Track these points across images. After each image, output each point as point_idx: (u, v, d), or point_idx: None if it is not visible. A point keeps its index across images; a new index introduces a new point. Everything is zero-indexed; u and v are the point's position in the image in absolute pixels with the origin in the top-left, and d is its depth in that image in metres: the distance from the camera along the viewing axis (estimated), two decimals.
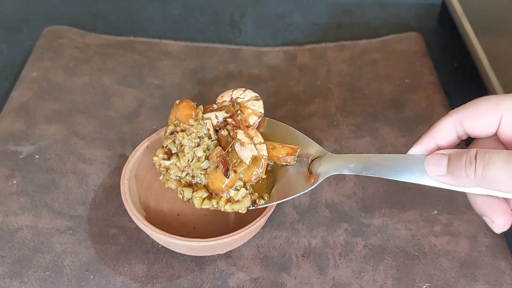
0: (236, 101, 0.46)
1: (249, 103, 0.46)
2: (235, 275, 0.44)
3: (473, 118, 0.33)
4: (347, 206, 0.50)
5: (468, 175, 0.31)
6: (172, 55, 0.66)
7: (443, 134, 0.34)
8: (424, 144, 0.34)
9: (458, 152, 0.32)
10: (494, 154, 0.30)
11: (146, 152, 0.48)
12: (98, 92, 0.61)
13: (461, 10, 0.65)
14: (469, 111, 0.33)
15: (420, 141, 0.34)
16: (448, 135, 0.34)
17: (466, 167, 0.31)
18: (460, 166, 0.31)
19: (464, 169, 0.31)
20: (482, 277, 0.44)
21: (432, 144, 0.34)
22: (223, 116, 0.45)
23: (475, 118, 0.33)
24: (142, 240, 0.47)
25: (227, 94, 0.46)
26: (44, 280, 0.43)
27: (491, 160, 0.30)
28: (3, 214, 0.48)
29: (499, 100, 0.32)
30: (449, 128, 0.33)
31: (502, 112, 0.32)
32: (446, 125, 0.33)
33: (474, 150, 0.31)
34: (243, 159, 0.42)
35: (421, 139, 0.34)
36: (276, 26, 0.75)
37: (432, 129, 0.34)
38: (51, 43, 0.67)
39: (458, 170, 0.31)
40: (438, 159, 0.32)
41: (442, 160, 0.32)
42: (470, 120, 0.33)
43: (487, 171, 0.30)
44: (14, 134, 0.55)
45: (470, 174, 0.30)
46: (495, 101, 0.32)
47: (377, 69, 0.65)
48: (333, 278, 0.44)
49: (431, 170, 0.33)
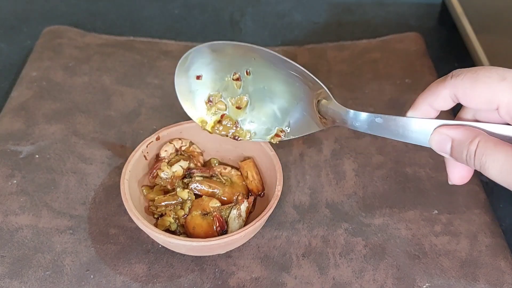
0: (181, 149, 0.49)
1: (192, 147, 0.50)
2: (235, 275, 0.44)
3: (470, 96, 0.32)
4: (348, 206, 0.50)
5: (468, 164, 0.32)
6: (172, 55, 0.66)
7: (439, 101, 0.33)
8: (420, 108, 0.34)
9: (460, 140, 0.32)
10: (490, 159, 0.30)
11: (146, 152, 0.48)
12: (98, 91, 0.61)
13: (461, 9, 0.65)
14: (467, 86, 0.31)
15: (416, 105, 0.34)
16: (443, 102, 0.33)
17: (468, 160, 0.31)
18: (462, 156, 0.32)
19: (466, 160, 0.32)
20: (483, 277, 0.44)
21: (429, 109, 0.34)
22: (186, 165, 0.48)
23: (472, 97, 0.31)
24: (142, 240, 0.47)
25: (168, 147, 0.48)
26: (44, 280, 0.43)
27: (487, 164, 0.30)
28: (3, 214, 0.48)
29: (500, 78, 0.30)
30: (445, 97, 0.33)
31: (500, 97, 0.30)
32: (442, 94, 0.33)
33: (474, 145, 0.31)
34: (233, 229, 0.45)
35: (417, 104, 0.34)
36: (276, 25, 0.75)
37: (428, 96, 0.34)
38: (51, 42, 0.67)
39: (460, 158, 0.32)
40: (442, 142, 0.32)
41: (446, 144, 0.32)
42: (466, 96, 0.32)
43: (484, 170, 0.31)
44: (14, 133, 0.55)
45: (470, 164, 0.32)
46: (496, 80, 0.30)
47: (377, 68, 0.65)
48: (334, 278, 0.44)
49: (435, 148, 0.33)
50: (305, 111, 0.42)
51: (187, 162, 0.48)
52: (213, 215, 0.44)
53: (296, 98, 0.42)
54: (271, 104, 0.44)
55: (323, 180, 0.52)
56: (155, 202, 0.46)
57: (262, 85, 0.44)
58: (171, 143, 0.49)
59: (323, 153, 0.54)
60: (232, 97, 0.45)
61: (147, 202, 0.47)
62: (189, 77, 0.45)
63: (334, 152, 0.54)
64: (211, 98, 0.46)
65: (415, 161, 0.53)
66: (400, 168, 0.53)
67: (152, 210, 0.46)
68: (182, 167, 0.47)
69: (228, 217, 0.44)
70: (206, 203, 0.45)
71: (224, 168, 0.48)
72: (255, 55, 0.42)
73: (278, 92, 0.43)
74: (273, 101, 0.44)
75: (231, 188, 0.47)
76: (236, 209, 0.45)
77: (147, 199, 0.47)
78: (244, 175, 0.48)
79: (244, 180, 0.48)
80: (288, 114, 0.44)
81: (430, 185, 0.51)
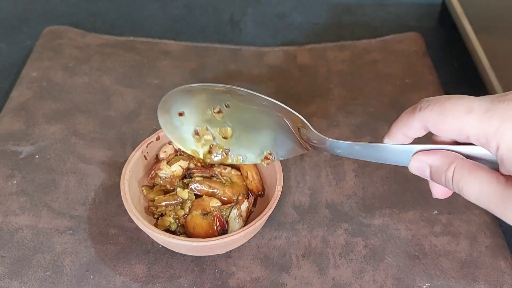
0: (180, 150, 0.49)
1: None
2: (235, 275, 0.44)
3: (439, 128, 0.32)
4: (347, 206, 0.50)
5: (449, 188, 0.33)
6: (172, 55, 0.66)
7: (412, 131, 0.34)
8: (396, 136, 0.35)
9: (438, 167, 0.32)
10: (466, 184, 0.31)
11: (146, 152, 0.48)
12: (98, 92, 0.61)
13: (461, 10, 0.65)
14: (435, 119, 0.32)
15: (391, 133, 0.35)
16: (416, 132, 0.34)
17: (447, 185, 0.32)
18: (441, 182, 0.33)
19: (445, 185, 0.32)
20: (482, 277, 0.44)
21: (403, 137, 0.35)
22: (185, 165, 0.48)
23: (441, 129, 0.32)
24: (142, 240, 0.47)
25: (168, 148, 0.49)
26: (44, 280, 0.43)
27: (464, 189, 0.31)
28: (3, 214, 0.48)
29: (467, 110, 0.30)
30: (416, 127, 0.33)
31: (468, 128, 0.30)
32: (413, 126, 0.33)
33: (451, 171, 0.31)
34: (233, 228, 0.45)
35: (392, 133, 0.35)
36: (276, 25, 0.75)
37: (401, 126, 0.34)
38: (51, 43, 0.67)
39: (440, 183, 0.33)
40: (422, 168, 0.33)
41: (425, 171, 0.33)
42: (436, 128, 0.32)
43: (463, 194, 0.31)
44: (14, 134, 0.55)
45: (450, 188, 0.32)
46: (463, 112, 0.30)
47: (377, 69, 0.65)
48: (333, 278, 0.44)
49: (416, 173, 0.34)
50: (287, 138, 0.43)
51: (186, 162, 0.48)
52: (213, 214, 0.44)
53: (277, 126, 0.43)
54: (255, 132, 0.45)
55: (323, 181, 0.52)
56: (155, 202, 0.46)
57: (242, 116, 0.45)
58: (170, 143, 0.49)
59: (323, 154, 0.54)
60: (217, 128, 0.46)
61: (147, 202, 0.47)
62: (172, 116, 0.46)
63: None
64: (197, 131, 0.47)
65: None
66: (400, 169, 0.53)
67: (152, 210, 0.46)
68: (182, 167, 0.47)
69: (229, 217, 0.44)
70: (207, 203, 0.45)
71: (224, 168, 0.48)
72: (229, 93, 0.43)
73: (259, 122, 0.44)
74: (256, 129, 0.45)
75: (231, 188, 0.47)
76: (237, 209, 0.45)
77: (147, 199, 0.47)
78: (244, 175, 0.48)
79: (244, 180, 0.48)
80: (273, 140, 0.45)
81: None
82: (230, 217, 0.44)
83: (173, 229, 0.45)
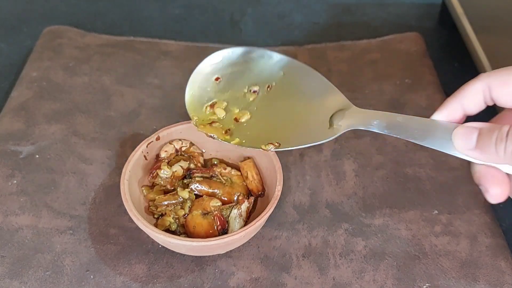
0: (181, 150, 0.48)
1: (192, 148, 0.50)
2: (235, 275, 0.44)
3: (502, 87, 0.31)
4: (348, 206, 0.50)
5: (497, 151, 0.30)
6: (172, 55, 0.66)
7: (471, 98, 0.32)
8: (449, 108, 0.33)
9: (489, 127, 0.30)
10: None
11: (146, 152, 0.48)
12: (98, 92, 0.61)
13: (461, 10, 0.65)
14: (500, 79, 0.31)
15: (445, 104, 0.33)
16: (475, 100, 0.32)
17: (497, 144, 0.30)
18: (490, 142, 0.30)
19: (495, 145, 0.30)
20: (483, 277, 0.44)
21: (458, 108, 0.33)
22: (186, 165, 0.48)
23: (504, 88, 0.31)
24: (142, 240, 0.47)
25: (168, 147, 0.49)
26: (44, 280, 0.43)
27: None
28: (3, 214, 0.48)
29: None
30: (477, 92, 0.32)
31: None
32: (475, 89, 0.32)
33: (506, 127, 0.30)
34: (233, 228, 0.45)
35: (447, 102, 0.33)
36: (276, 25, 0.75)
37: (460, 93, 0.32)
38: (51, 43, 0.67)
39: (487, 146, 0.30)
40: (468, 133, 0.31)
41: (472, 134, 0.31)
42: (499, 88, 0.31)
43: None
44: (14, 133, 0.55)
45: (500, 151, 0.30)
46: None
47: (377, 69, 0.65)
48: (334, 278, 0.44)
49: (459, 143, 0.32)
50: (311, 124, 0.41)
51: (187, 163, 0.48)
52: (214, 214, 0.44)
53: (308, 114, 0.41)
54: (273, 123, 0.43)
55: (323, 181, 0.52)
56: (156, 201, 0.46)
57: (275, 104, 0.42)
58: (171, 143, 0.49)
59: (323, 153, 0.54)
60: (237, 108, 0.45)
61: (147, 202, 0.47)
62: (208, 74, 0.43)
63: (334, 153, 0.54)
64: (214, 104, 0.46)
65: (415, 161, 0.53)
66: (400, 169, 0.53)
67: (152, 210, 0.46)
68: (182, 167, 0.47)
69: (229, 217, 0.44)
70: (207, 203, 0.45)
71: (224, 168, 0.48)
72: (286, 70, 0.41)
73: (290, 110, 0.42)
74: (279, 119, 0.43)
75: (231, 188, 0.47)
76: (237, 209, 0.45)
77: (147, 199, 0.47)
78: (244, 175, 0.48)
79: (244, 180, 0.48)
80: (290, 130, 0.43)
81: (430, 185, 0.51)
82: (230, 217, 0.44)
83: (173, 229, 0.45)
